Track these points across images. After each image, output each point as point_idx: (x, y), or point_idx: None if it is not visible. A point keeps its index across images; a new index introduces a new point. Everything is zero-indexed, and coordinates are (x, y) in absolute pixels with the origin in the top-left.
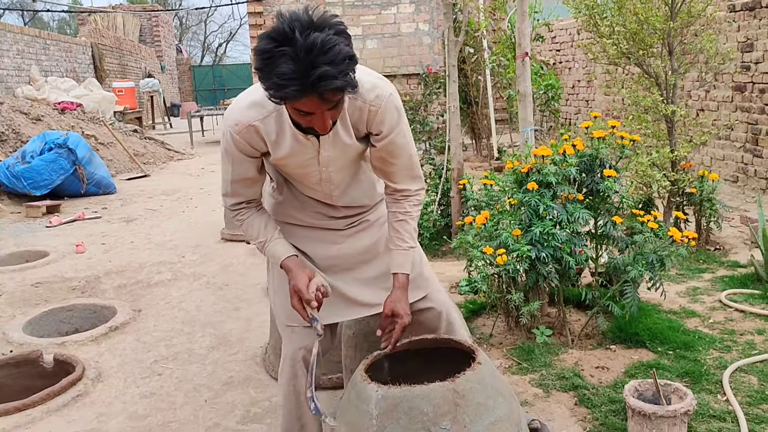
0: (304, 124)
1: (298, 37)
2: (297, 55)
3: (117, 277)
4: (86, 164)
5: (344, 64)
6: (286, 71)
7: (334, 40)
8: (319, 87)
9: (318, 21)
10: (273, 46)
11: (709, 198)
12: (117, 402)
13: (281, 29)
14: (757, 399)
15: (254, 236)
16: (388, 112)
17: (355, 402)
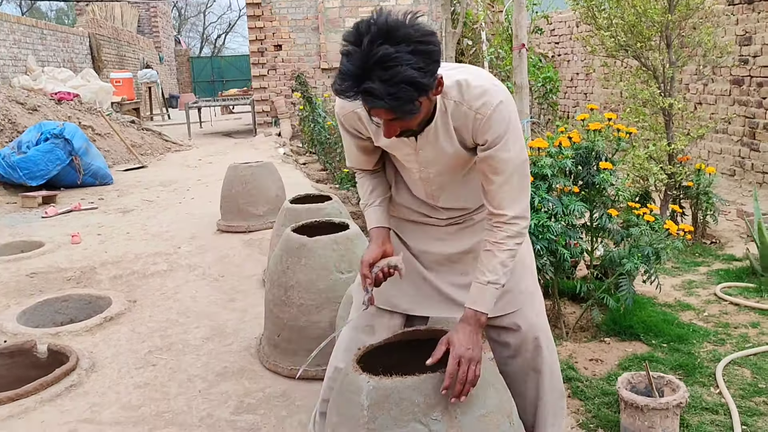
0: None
1: (365, 43)
2: (358, 59)
3: (112, 267)
4: (83, 155)
5: (398, 87)
6: (345, 70)
7: (400, 58)
8: (364, 99)
9: (400, 33)
10: (350, 39)
11: (705, 191)
12: (110, 392)
13: (356, 30)
14: (750, 392)
15: (361, 197)
16: (494, 121)
17: (346, 393)
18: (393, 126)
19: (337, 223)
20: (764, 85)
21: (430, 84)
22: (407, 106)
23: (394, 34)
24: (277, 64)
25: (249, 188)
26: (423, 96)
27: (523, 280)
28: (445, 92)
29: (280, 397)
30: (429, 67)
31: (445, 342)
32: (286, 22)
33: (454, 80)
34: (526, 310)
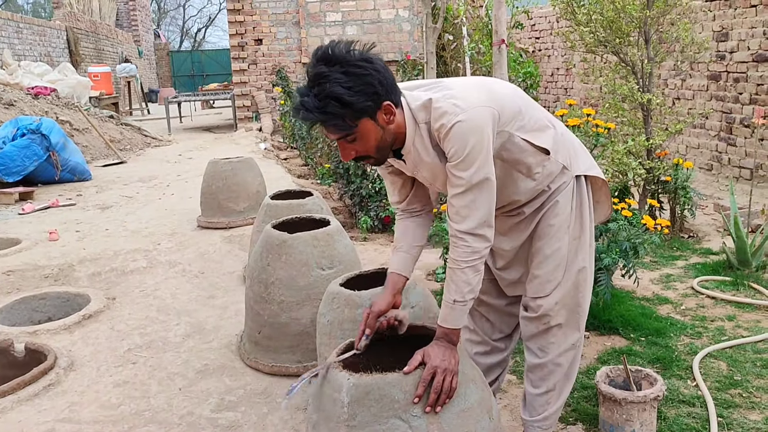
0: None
1: (310, 65)
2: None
3: (91, 264)
4: (60, 150)
5: (326, 101)
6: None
7: (330, 77)
8: (298, 113)
9: (336, 57)
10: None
11: (683, 186)
12: (89, 391)
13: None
14: (726, 384)
15: (395, 239)
16: (450, 140)
17: (327, 390)
18: (347, 148)
19: (317, 219)
20: (741, 81)
21: (361, 104)
22: (335, 121)
23: (332, 57)
24: (257, 59)
25: (229, 184)
26: (355, 115)
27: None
28: (416, 115)
29: (261, 394)
30: (359, 88)
31: (421, 354)
32: (267, 16)
33: (424, 100)
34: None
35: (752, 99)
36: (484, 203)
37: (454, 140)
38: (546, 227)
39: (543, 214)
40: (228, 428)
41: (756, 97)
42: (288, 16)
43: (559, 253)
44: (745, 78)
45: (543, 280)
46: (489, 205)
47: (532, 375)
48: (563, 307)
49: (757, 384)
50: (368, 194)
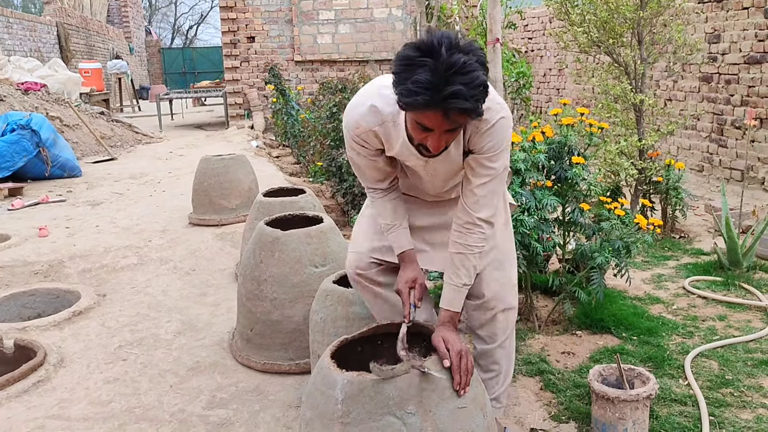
0: (418, 139)
1: (443, 53)
2: (437, 68)
3: (81, 261)
4: (50, 146)
5: (478, 90)
6: (422, 80)
7: (475, 65)
8: (448, 103)
9: (464, 45)
10: (417, 54)
11: (675, 186)
12: (79, 388)
13: (429, 42)
14: (717, 383)
15: (382, 215)
16: (492, 133)
17: (321, 387)
18: (445, 139)
19: (310, 216)
20: (732, 83)
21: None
22: (481, 109)
23: (463, 46)
24: (250, 56)
25: (221, 181)
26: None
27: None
28: None
29: (252, 392)
30: (487, 76)
31: (441, 341)
32: (260, 13)
33: None
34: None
35: (743, 101)
36: (499, 191)
37: (495, 135)
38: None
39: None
40: (219, 426)
41: (747, 98)
42: (281, 14)
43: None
44: (736, 80)
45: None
46: (501, 191)
47: (482, 361)
48: (505, 290)
49: (748, 383)
50: (361, 192)
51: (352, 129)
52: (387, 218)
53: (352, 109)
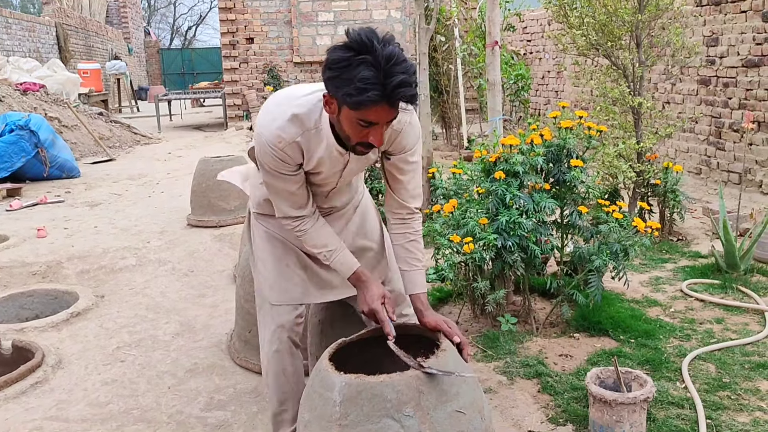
0: (357, 138)
1: (377, 47)
2: (377, 62)
3: (79, 262)
4: (49, 147)
5: (414, 76)
6: (368, 76)
7: (403, 54)
8: (397, 94)
9: (388, 37)
10: (352, 54)
11: (672, 189)
12: (77, 389)
13: (359, 39)
14: (714, 386)
15: (318, 245)
16: (407, 135)
17: (319, 389)
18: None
19: None
20: (730, 86)
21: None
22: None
23: (387, 38)
24: (249, 57)
25: (220, 182)
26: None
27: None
28: None
29: (250, 393)
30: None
31: (440, 322)
32: (259, 15)
33: None
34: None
35: (741, 104)
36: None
37: (411, 133)
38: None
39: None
40: (217, 427)
41: (745, 102)
42: (280, 15)
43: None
44: (734, 83)
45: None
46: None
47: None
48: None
49: (745, 386)
50: None
51: (274, 144)
52: (329, 243)
53: (267, 125)
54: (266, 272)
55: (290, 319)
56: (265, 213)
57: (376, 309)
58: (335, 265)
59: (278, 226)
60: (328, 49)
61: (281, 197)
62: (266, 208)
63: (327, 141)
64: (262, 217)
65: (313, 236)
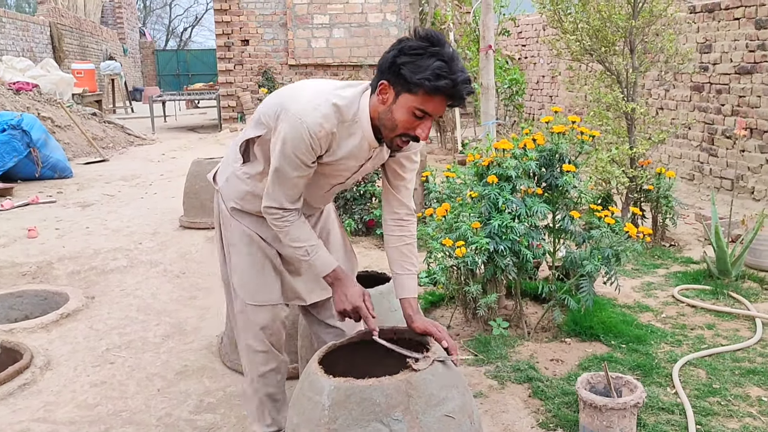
0: (406, 128)
1: (444, 43)
2: (446, 57)
3: (70, 263)
4: (41, 147)
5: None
6: (442, 66)
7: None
8: (462, 89)
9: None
10: (427, 44)
11: (665, 195)
12: (66, 391)
13: (429, 34)
14: (705, 392)
15: (302, 239)
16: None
17: (308, 393)
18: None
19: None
20: (723, 92)
21: None
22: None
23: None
24: (243, 59)
25: None
26: None
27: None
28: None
29: (240, 397)
30: None
31: (430, 326)
32: (254, 17)
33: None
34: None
35: (734, 110)
36: None
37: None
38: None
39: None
40: (207, 430)
41: (738, 108)
42: (275, 18)
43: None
44: (727, 90)
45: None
46: None
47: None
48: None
49: (735, 392)
50: (353, 197)
51: (315, 132)
52: (310, 239)
53: (310, 112)
54: (244, 272)
55: (270, 318)
56: (244, 209)
57: (360, 306)
58: (315, 261)
59: (257, 224)
60: (400, 39)
61: (286, 186)
62: (248, 203)
63: (363, 133)
64: (241, 214)
65: (297, 230)
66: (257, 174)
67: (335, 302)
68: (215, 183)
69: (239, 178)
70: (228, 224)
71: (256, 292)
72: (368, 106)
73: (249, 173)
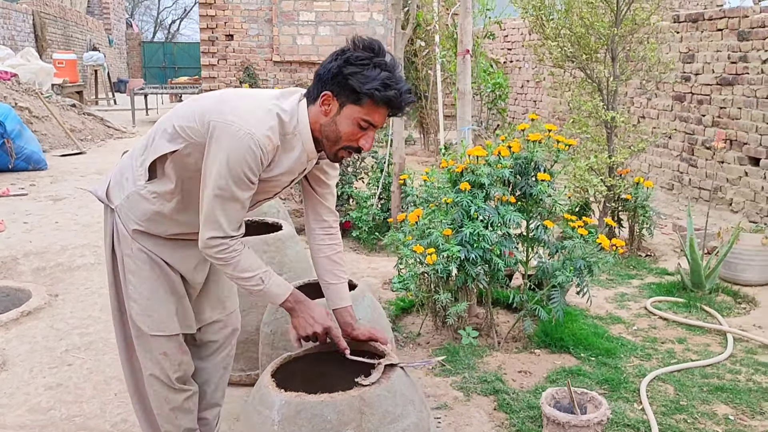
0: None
1: (386, 53)
2: (389, 67)
3: (36, 258)
4: (15, 138)
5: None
6: (388, 77)
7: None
8: (406, 98)
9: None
10: (371, 54)
11: (642, 205)
12: (19, 393)
13: (373, 43)
14: (672, 409)
15: (253, 267)
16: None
17: (258, 406)
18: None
19: (270, 223)
20: (704, 103)
21: None
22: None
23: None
24: (228, 54)
25: None
26: None
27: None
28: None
29: None
30: None
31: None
32: (239, 11)
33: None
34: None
35: (714, 121)
36: None
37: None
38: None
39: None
40: None
41: (718, 119)
42: (261, 13)
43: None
44: (708, 100)
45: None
46: None
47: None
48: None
49: (702, 410)
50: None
51: (264, 145)
52: (261, 266)
53: (257, 125)
54: (147, 301)
55: (175, 347)
56: (150, 232)
57: (330, 326)
58: (269, 289)
59: (162, 247)
60: (342, 49)
61: (231, 211)
62: (154, 224)
63: (303, 146)
64: (144, 237)
65: (246, 259)
66: (166, 193)
67: (298, 327)
68: (109, 200)
69: (144, 197)
70: (127, 248)
71: (160, 321)
72: (307, 116)
73: (156, 192)
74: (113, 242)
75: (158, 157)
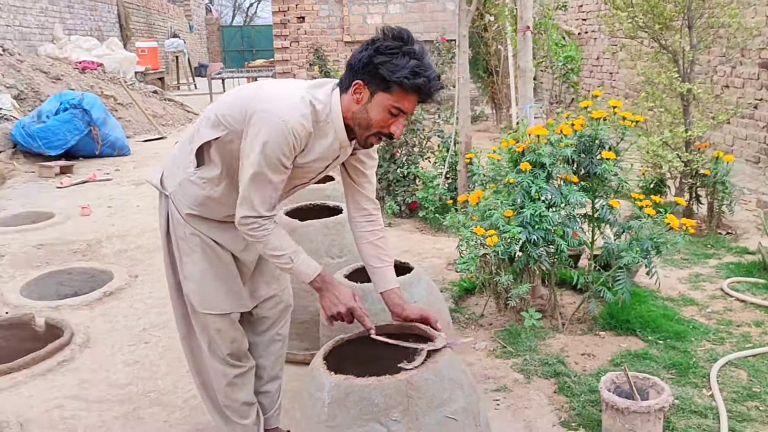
0: (380, 127)
1: (415, 41)
2: (418, 55)
3: (118, 241)
4: (101, 125)
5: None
6: (417, 65)
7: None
8: (434, 86)
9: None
10: (400, 43)
11: (722, 180)
12: (101, 369)
13: (399, 33)
14: (743, 396)
15: (283, 246)
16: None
17: (310, 388)
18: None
19: (332, 206)
20: None
21: None
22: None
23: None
24: (299, 36)
25: None
26: None
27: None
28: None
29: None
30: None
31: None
32: None
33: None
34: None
35: None
36: None
37: None
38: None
39: None
40: None
41: None
42: None
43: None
44: None
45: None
46: None
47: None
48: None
49: None
50: (396, 179)
51: (298, 132)
52: (291, 245)
53: (290, 111)
54: (201, 281)
55: (228, 325)
56: (202, 215)
57: (353, 306)
58: (299, 268)
59: (214, 230)
60: (372, 39)
61: (265, 192)
62: (206, 209)
63: (335, 134)
64: (197, 221)
65: (276, 238)
66: (214, 178)
67: (325, 307)
68: (163, 188)
69: (194, 183)
70: (181, 231)
71: (212, 300)
72: (339, 105)
73: (204, 177)
74: (168, 227)
75: (203, 144)
